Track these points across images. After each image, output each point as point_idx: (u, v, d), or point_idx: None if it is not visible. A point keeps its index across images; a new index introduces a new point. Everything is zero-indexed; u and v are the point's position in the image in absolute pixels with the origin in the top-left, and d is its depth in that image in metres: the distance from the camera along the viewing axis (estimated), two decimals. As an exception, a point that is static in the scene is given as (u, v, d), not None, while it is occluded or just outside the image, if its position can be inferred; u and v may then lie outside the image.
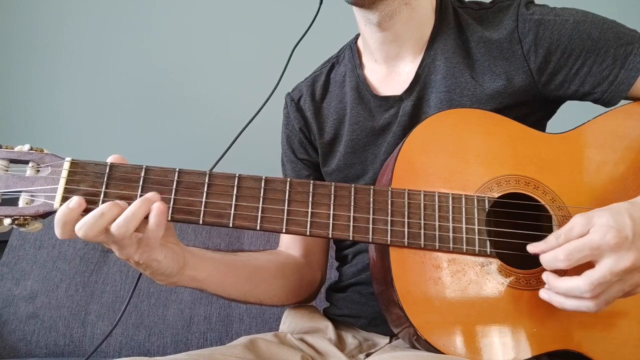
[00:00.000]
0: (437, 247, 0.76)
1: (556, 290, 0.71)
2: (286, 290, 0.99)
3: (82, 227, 0.67)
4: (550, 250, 0.71)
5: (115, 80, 1.93)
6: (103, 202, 0.70)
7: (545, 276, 0.73)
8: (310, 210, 0.75)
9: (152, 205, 0.69)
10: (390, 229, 0.75)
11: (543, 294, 0.73)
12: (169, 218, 0.72)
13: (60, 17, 1.94)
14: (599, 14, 0.88)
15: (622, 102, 0.88)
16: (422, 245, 0.75)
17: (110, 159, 0.74)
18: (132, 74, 1.93)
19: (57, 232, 0.69)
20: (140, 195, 0.71)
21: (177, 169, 0.74)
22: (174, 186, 0.73)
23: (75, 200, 0.68)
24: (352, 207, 0.76)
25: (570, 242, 0.69)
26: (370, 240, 0.75)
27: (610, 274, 0.67)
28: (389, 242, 0.75)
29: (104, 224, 0.68)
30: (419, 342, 0.75)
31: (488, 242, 0.77)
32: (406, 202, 0.77)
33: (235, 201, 0.74)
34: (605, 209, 0.70)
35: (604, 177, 0.82)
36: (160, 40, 1.93)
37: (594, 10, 0.88)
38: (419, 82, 0.93)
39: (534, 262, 0.74)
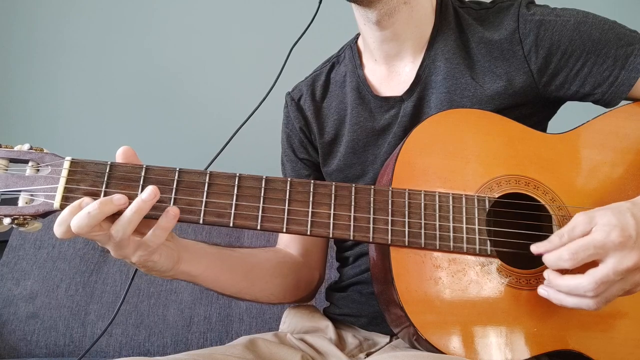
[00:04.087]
0: (437, 247, 0.75)
1: (558, 288, 0.71)
2: (283, 288, 0.98)
3: (75, 225, 0.67)
4: (554, 250, 0.70)
5: (114, 80, 1.93)
6: None
7: (547, 274, 0.72)
8: (310, 209, 0.75)
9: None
10: (391, 229, 0.75)
11: (542, 291, 0.73)
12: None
13: (60, 17, 1.94)
14: (600, 15, 0.88)
15: (623, 102, 0.88)
16: (423, 245, 0.75)
17: (120, 152, 0.74)
18: (131, 73, 1.93)
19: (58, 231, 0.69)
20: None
21: (177, 169, 0.74)
22: (175, 185, 0.73)
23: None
24: (352, 206, 0.76)
25: (575, 242, 0.69)
26: (371, 239, 0.75)
27: (614, 273, 0.67)
28: (389, 242, 0.75)
29: (94, 221, 0.67)
30: (419, 341, 0.75)
31: (488, 242, 0.77)
32: (407, 202, 0.77)
33: (236, 201, 0.74)
34: (606, 208, 0.70)
35: (604, 177, 0.82)
36: (159, 40, 1.93)
37: (594, 10, 0.88)
38: (420, 83, 0.93)
39: (534, 261, 0.74)
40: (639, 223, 0.68)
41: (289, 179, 0.75)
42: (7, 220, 0.70)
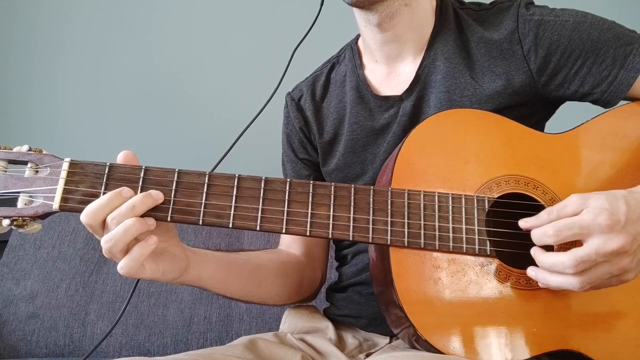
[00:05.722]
0: (437, 247, 0.76)
1: (541, 265, 0.72)
2: (288, 289, 0.99)
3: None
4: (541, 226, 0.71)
5: (115, 81, 1.93)
6: None
7: (533, 251, 0.73)
8: (310, 210, 0.75)
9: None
10: (390, 229, 0.75)
11: (530, 271, 0.74)
12: (169, 219, 0.72)
13: (60, 17, 1.94)
14: (599, 15, 0.88)
15: (622, 102, 0.88)
16: (422, 245, 0.75)
17: (120, 156, 0.74)
18: (132, 75, 1.93)
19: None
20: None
21: (176, 170, 0.74)
22: (174, 187, 0.73)
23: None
24: (352, 207, 0.76)
25: (561, 220, 0.70)
26: (370, 240, 0.75)
27: (596, 254, 0.67)
28: (389, 242, 0.75)
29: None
30: (418, 342, 0.75)
31: (488, 242, 0.77)
32: (406, 202, 0.77)
33: (235, 202, 0.74)
34: (602, 193, 0.71)
35: (603, 176, 0.83)
36: (161, 41, 1.92)
37: (594, 10, 0.88)
38: (419, 83, 0.93)
39: (533, 262, 0.74)
40: (630, 210, 0.69)
41: (288, 180, 0.76)
42: (6, 222, 0.70)
